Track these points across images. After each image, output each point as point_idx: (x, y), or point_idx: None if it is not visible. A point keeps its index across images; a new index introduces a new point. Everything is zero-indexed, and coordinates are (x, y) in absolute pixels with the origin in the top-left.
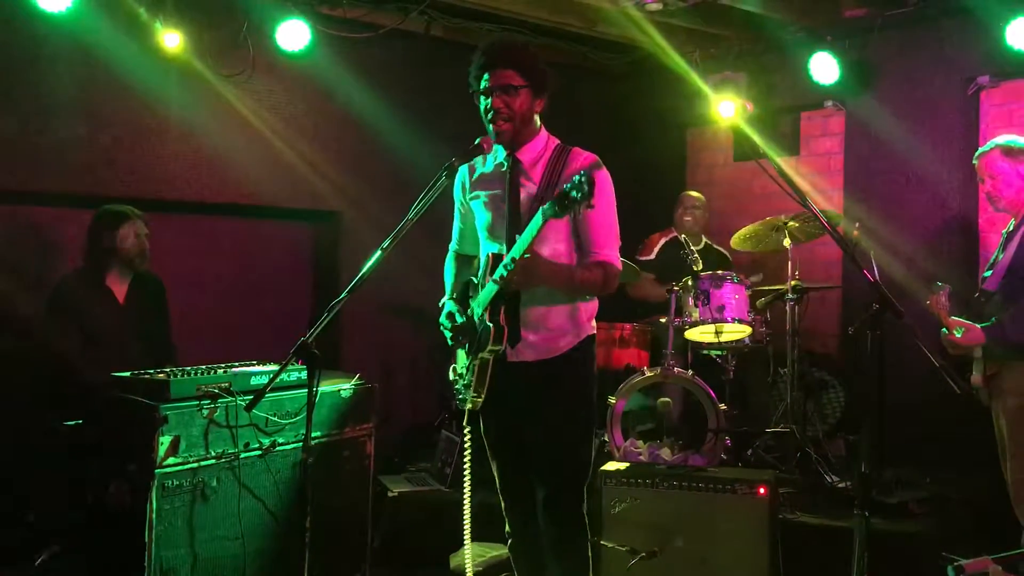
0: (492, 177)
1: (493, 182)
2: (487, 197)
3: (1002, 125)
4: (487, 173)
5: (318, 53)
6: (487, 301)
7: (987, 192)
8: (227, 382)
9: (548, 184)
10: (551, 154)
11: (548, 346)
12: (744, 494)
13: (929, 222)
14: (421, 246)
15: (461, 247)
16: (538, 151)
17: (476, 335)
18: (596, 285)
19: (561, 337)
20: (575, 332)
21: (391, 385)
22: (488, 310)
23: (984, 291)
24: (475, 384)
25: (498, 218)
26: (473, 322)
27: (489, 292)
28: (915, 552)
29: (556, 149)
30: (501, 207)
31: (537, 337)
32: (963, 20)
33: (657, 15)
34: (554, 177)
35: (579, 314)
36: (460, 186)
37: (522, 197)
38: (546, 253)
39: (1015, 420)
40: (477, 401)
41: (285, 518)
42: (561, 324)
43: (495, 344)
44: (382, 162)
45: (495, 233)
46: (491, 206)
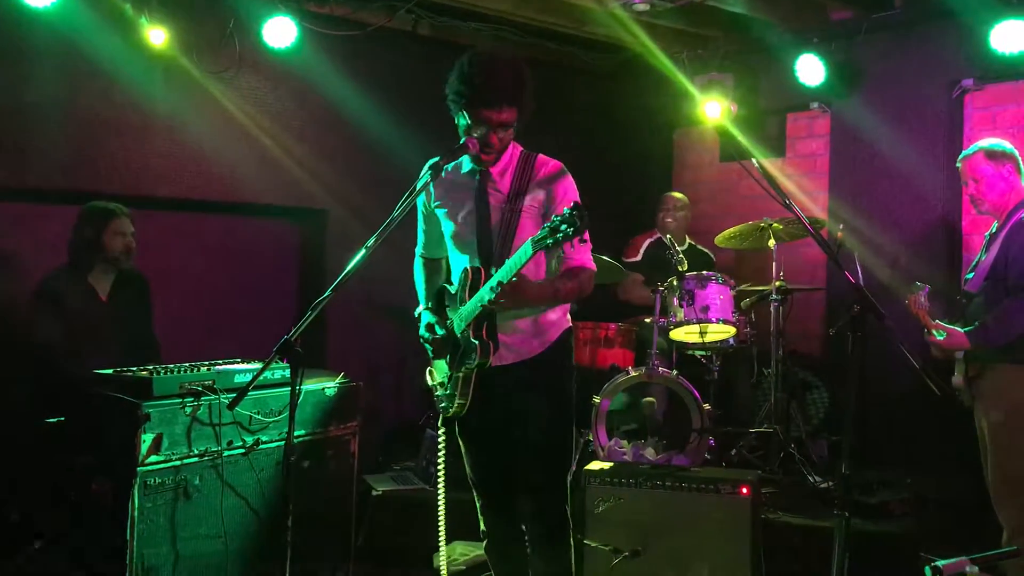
0: (458, 185)
1: (459, 191)
2: (454, 206)
3: (986, 128)
4: (452, 181)
5: (305, 50)
6: (471, 317)
7: (971, 195)
8: (210, 380)
9: (516, 192)
10: (517, 162)
11: (525, 347)
12: (727, 494)
13: (913, 224)
14: (407, 244)
15: (428, 251)
16: (505, 161)
17: (459, 349)
18: (577, 292)
19: (536, 336)
20: (551, 329)
21: (376, 384)
22: (472, 326)
23: (966, 292)
24: (459, 394)
25: (466, 228)
26: (454, 335)
27: (473, 310)
28: (895, 552)
29: (521, 156)
30: (469, 217)
31: (513, 339)
32: (948, 23)
33: (644, 15)
34: (521, 185)
35: (553, 311)
36: (423, 191)
37: (491, 205)
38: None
39: (997, 422)
40: (461, 408)
41: (268, 517)
42: (536, 324)
43: (482, 359)
44: (369, 160)
45: (464, 243)
46: (458, 215)
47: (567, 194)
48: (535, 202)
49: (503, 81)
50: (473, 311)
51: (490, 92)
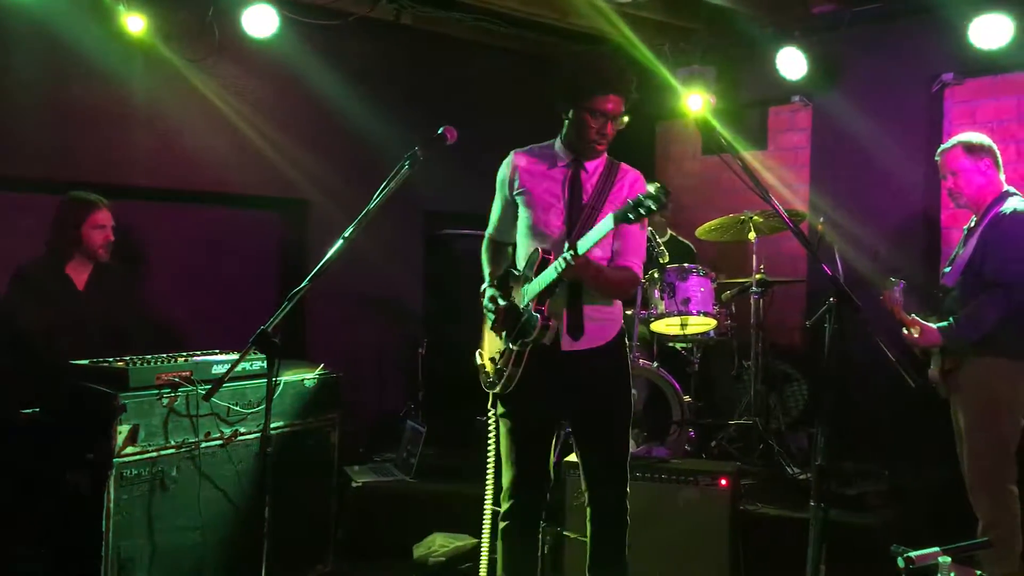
0: (548, 176)
1: (549, 181)
2: (540, 195)
3: (965, 122)
4: (542, 171)
5: (286, 39)
6: (535, 293)
7: (949, 188)
8: (188, 371)
9: (600, 193)
10: (604, 165)
11: (598, 335)
12: (706, 486)
13: (893, 217)
14: (388, 235)
15: (499, 235)
16: (598, 160)
17: (518, 323)
18: (622, 289)
19: (608, 327)
20: (614, 322)
21: (357, 375)
22: (535, 302)
23: (943, 286)
24: (510, 369)
25: (551, 216)
26: (516, 309)
27: (539, 285)
28: (872, 543)
29: (608, 161)
30: (556, 205)
31: (590, 329)
32: (928, 18)
33: (627, 7)
34: (606, 187)
35: (618, 308)
36: (506, 179)
37: (582, 198)
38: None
39: (972, 414)
40: (510, 382)
41: (246, 508)
42: (608, 317)
43: (539, 334)
44: (351, 150)
45: (544, 230)
46: (543, 205)
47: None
48: (617, 200)
49: (624, 72)
50: (540, 285)
51: (613, 80)
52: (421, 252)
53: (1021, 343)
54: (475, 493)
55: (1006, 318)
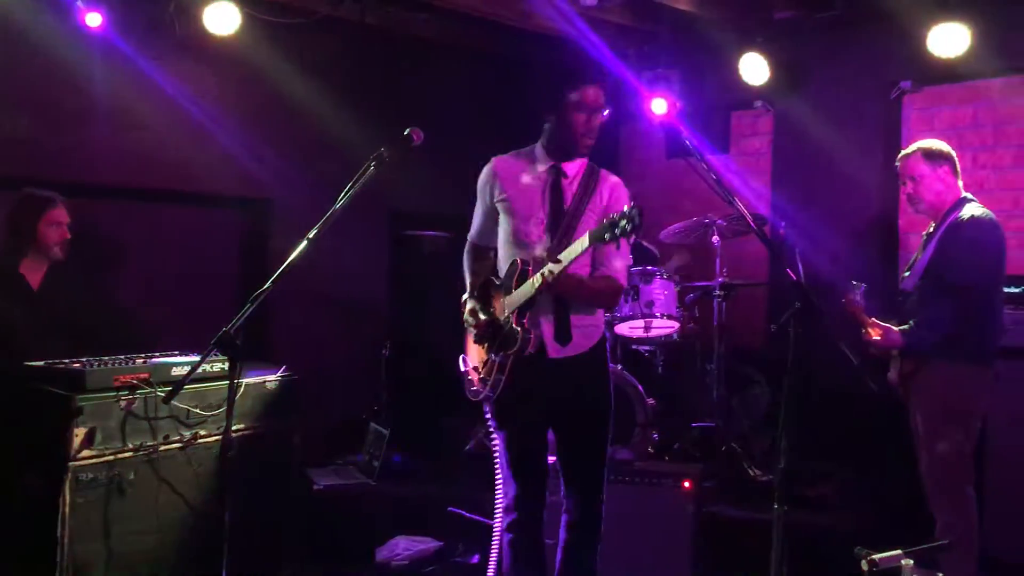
0: (528, 183)
1: (527, 188)
2: (521, 203)
3: (924, 129)
4: (521, 177)
5: (249, 37)
6: (515, 306)
7: (908, 194)
8: (146, 373)
9: (580, 199)
10: (584, 171)
11: (583, 342)
12: (670, 488)
13: (853, 222)
14: (353, 235)
15: (481, 239)
16: (577, 166)
17: (500, 335)
18: (605, 299)
19: (592, 333)
20: (599, 328)
21: (320, 376)
22: (516, 314)
23: (903, 291)
24: (493, 378)
25: (531, 224)
26: (497, 321)
27: (519, 297)
28: (834, 545)
29: (589, 166)
30: (536, 214)
31: (576, 335)
32: (887, 25)
33: (592, 11)
34: (587, 193)
35: (601, 315)
36: (487, 185)
37: (563, 203)
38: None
39: (931, 417)
40: (494, 391)
41: (206, 512)
42: (592, 324)
43: (521, 345)
44: (315, 149)
45: (525, 238)
46: (523, 213)
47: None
48: (596, 208)
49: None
50: (521, 297)
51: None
52: (386, 252)
53: (978, 347)
54: (439, 496)
55: (964, 323)
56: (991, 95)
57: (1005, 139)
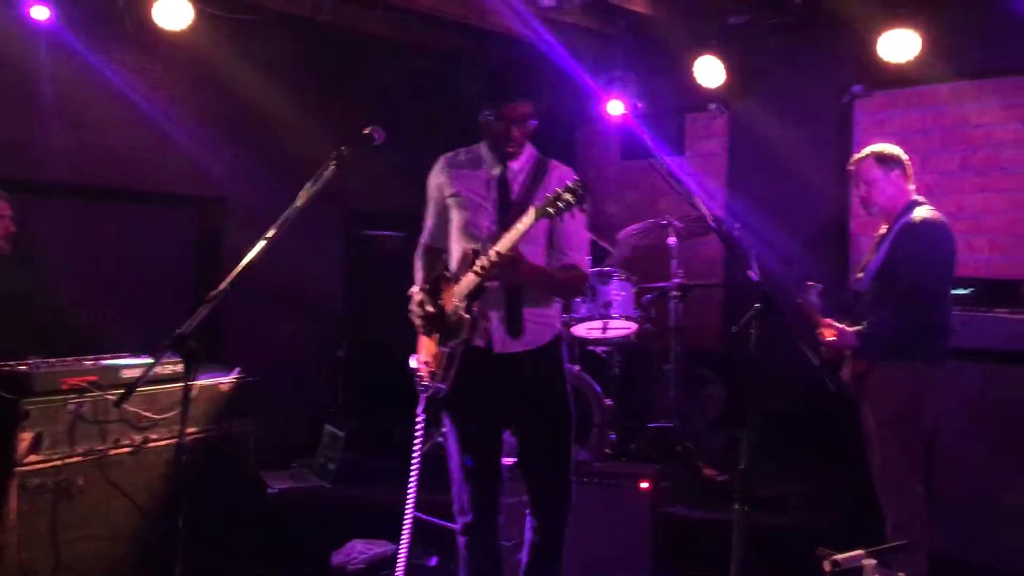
0: (475, 178)
1: (477, 183)
2: (469, 197)
3: (874, 133)
4: (469, 173)
5: (201, 32)
6: (464, 293)
7: (861, 197)
8: (95, 375)
9: (529, 190)
10: (534, 161)
11: (534, 338)
12: (628, 488)
13: (806, 224)
14: (308, 234)
15: (433, 241)
16: (524, 160)
17: (448, 325)
18: (568, 285)
19: (545, 330)
20: (552, 326)
21: (275, 378)
22: (464, 302)
23: (856, 292)
24: (442, 372)
25: (480, 217)
26: (444, 312)
27: (468, 284)
28: (792, 544)
29: (537, 158)
30: (485, 206)
31: (527, 330)
32: (840, 31)
33: (549, 12)
34: (535, 184)
35: (556, 311)
36: (436, 184)
37: (510, 198)
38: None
39: (882, 417)
40: (443, 384)
41: (158, 518)
42: (547, 319)
43: (468, 334)
44: (269, 147)
45: (475, 231)
46: (472, 206)
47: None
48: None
49: (521, 77)
50: (468, 284)
51: (508, 85)
52: (342, 252)
53: (929, 347)
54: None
55: (915, 324)
56: (939, 100)
57: (952, 144)
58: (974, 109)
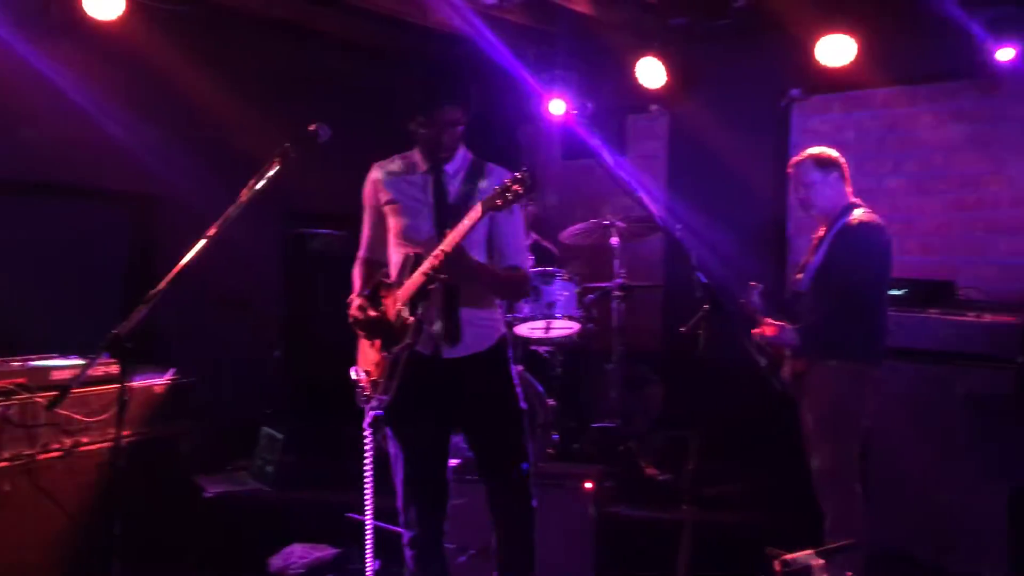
0: (411, 183)
1: (412, 188)
2: (406, 202)
3: (811, 136)
4: (407, 179)
5: (136, 24)
6: (407, 296)
7: (800, 199)
8: (23, 377)
9: (466, 192)
10: (468, 165)
11: (478, 341)
12: (571, 489)
13: (745, 225)
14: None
15: (371, 253)
16: (459, 163)
17: (392, 330)
18: (512, 285)
19: (488, 333)
20: (496, 328)
21: (210, 379)
22: (407, 306)
23: (795, 292)
24: (385, 379)
25: (420, 221)
26: (386, 317)
27: (411, 286)
28: (734, 542)
29: (473, 161)
30: (422, 211)
31: (469, 333)
32: (778, 34)
33: (492, 10)
34: (472, 186)
35: (499, 314)
36: (371, 192)
37: (447, 202)
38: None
39: (820, 416)
40: (386, 393)
41: (90, 524)
42: (488, 322)
43: (412, 339)
44: (206, 144)
45: (415, 236)
46: (410, 211)
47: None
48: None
49: (449, 84)
50: (412, 286)
51: (436, 92)
52: (280, 252)
53: (866, 347)
54: (336, 501)
55: (853, 324)
56: (874, 105)
57: (886, 147)
58: (907, 114)
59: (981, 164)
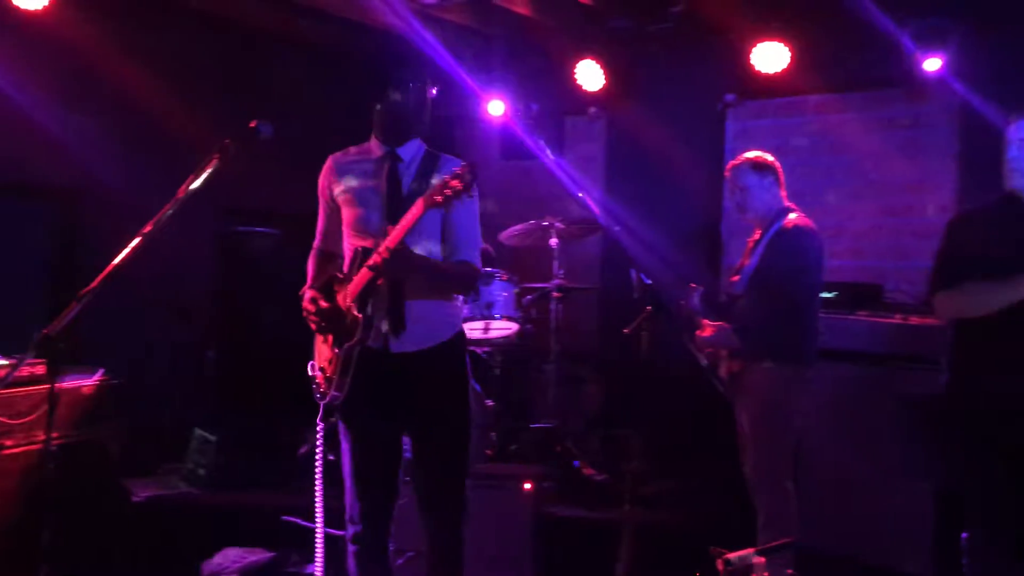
0: (364, 172)
1: (365, 177)
2: (359, 193)
3: (745, 141)
4: (359, 170)
5: (63, 13)
6: (356, 292)
7: (737, 202)
8: None
9: (419, 183)
10: (423, 155)
11: (429, 336)
12: (510, 489)
13: (680, 227)
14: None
15: (325, 244)
16: (413, 151)
17: (343, 325)
18: (460, 280)
19: (440, 328)
20: (452, 324)
21: (140, 380)
22: (357, 301)
23: (731, 294)
24: (338, 376)
25: (371, 212)
26: (339, 311)
27: (359, 282)
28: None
29: (427, 152)
30: (374, 200)
31: (418, 328)
32: (715, 40)
33: (432, 9)
34: (426, 176)
35: (455, 308)
36: (326, 183)
37: (400, 191)
38: (418, 251)
39: (755, 416)
40: (340, 390)
41: (17, 529)
42: (441, 316)
43: (363, 334)
44: (139, 138)
45: (365, 227)
46: (362, 202)
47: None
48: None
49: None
50: (359, 282)
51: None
52: (214, 250)
53: (799, 349)
54: (271, 504)
55: (787, 325)
56: (807, 111)
57: (818, 153)
58: (839, 121)
59: (908, 171)
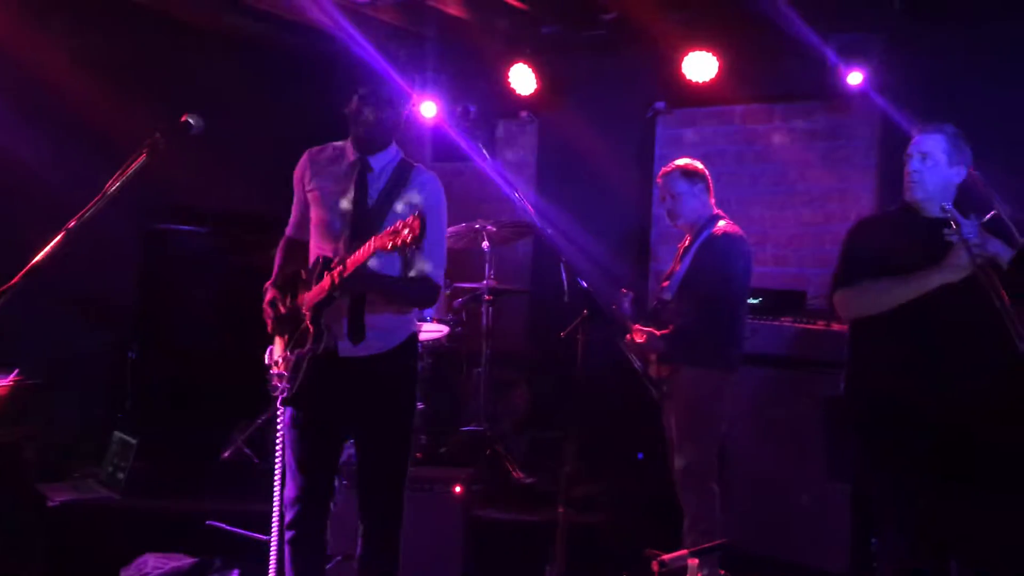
0: (336, 174)
1: (337, 179)
2: (327, 195)
3: (674, 148)
4: (330, 170)
5: None
6: (312, 302)
7: (668, 209)
8: None
9: (388, 194)
10: (396, 165)
11: (379, 343)
12: (440, 492)
13: (610, 232)
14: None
15: (295, 233)
16: (386, 160)
17: (296, 330)
18: (415, 297)
19: (390, 335)
20: (403, 329)
21: (57, 382)
22: (312, 312)
23: (661, 300)
24: (289, 376)
25: (334, 217)
26: (296, 316)
27: (317, 294)
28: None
29: (400, 161)
30: (340, 206)
31: (372, 335)
32: (646, 48)
33: (364, 7)
34: (396, 187)
35: (407, 316)
36: (299, 177)
37: (368, 196)
38: (375, 264)
39: (683, 417)
40: (290, 389)
41: None
42: (391, 323)
43: (314, 345)
44: (56, 130)
45: (329, 231)
46: (328, 204)
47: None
48: (406, 203)
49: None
50: (316, 295)
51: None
52: (135, 248)
53: (727, 353)
54: (193, 508)
55: (715, 331)
56: (734, 120)
57: (744, 162)
58: (764, 130)
59: (830, 181)
